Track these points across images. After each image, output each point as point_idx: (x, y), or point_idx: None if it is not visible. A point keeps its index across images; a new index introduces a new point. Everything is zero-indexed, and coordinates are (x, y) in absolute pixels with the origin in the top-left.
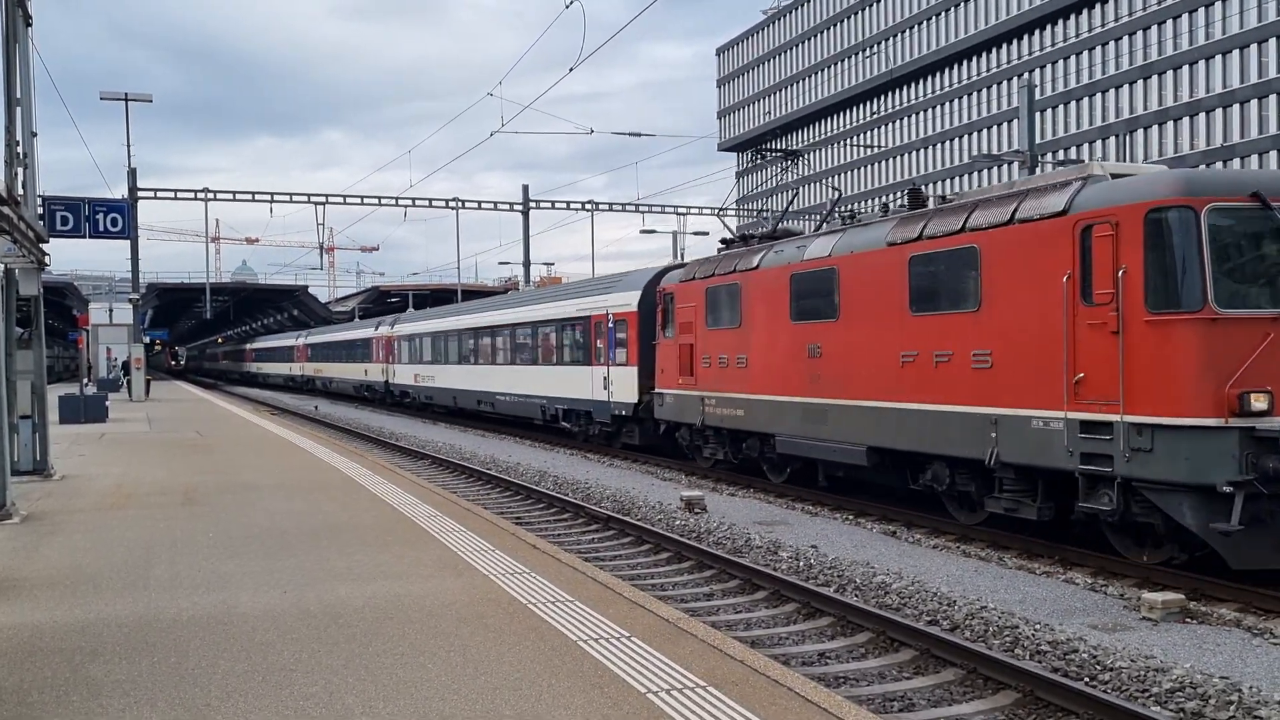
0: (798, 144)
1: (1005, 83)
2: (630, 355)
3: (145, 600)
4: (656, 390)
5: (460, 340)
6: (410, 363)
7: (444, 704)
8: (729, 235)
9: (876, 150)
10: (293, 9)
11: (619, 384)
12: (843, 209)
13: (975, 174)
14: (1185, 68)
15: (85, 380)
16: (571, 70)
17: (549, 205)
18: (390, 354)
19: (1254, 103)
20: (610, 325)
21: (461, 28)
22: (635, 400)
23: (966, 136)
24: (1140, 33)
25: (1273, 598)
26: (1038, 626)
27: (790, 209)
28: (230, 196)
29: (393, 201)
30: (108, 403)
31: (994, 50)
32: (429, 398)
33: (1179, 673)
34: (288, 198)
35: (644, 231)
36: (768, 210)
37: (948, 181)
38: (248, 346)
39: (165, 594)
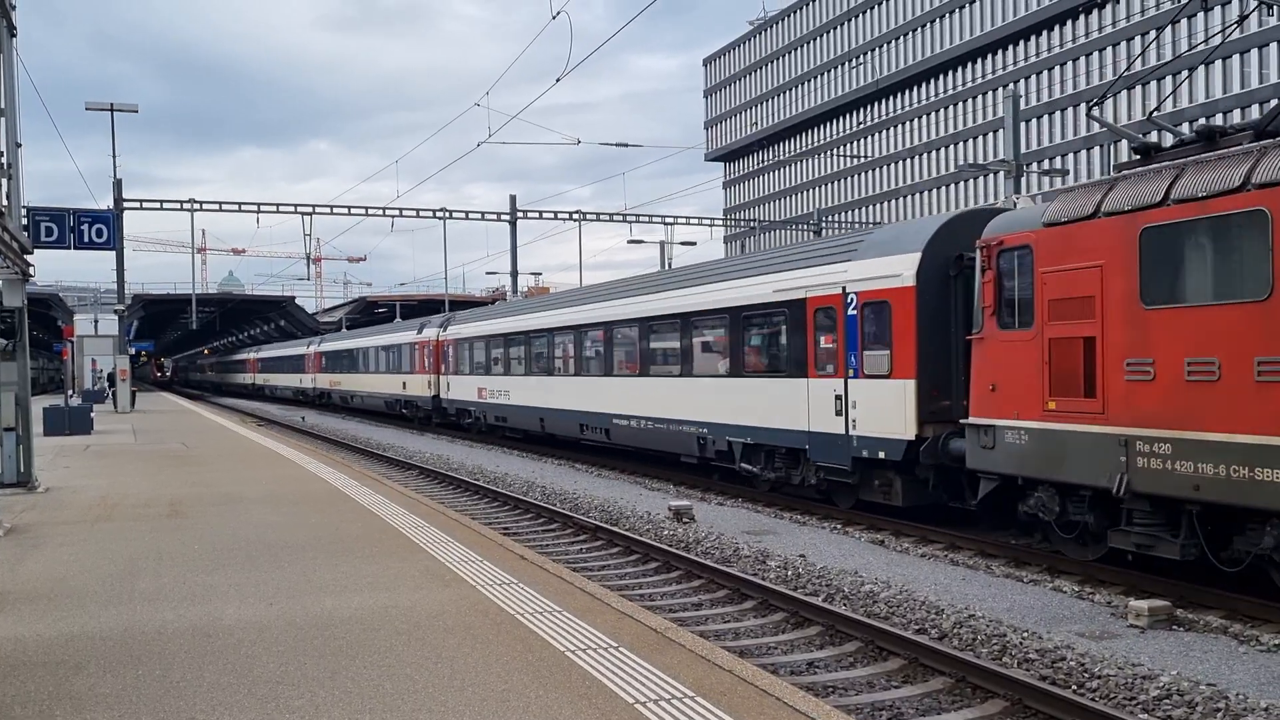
0: (784, 154)
1: (990, 93)
2: (898, 360)
3: (130, 613)
4: (972, 421)
5: (552, 342)
6: (472, 373)
7: (431, 716)
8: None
9: (862, 160)
10: (278, 19)
11: (871, 407)
12: None
13: (960, 184)
14: (1169, 78)
15: (70, 392)
16: (558, 81)
17: (536, 215)
18: (441, 362)
19: (1236, 113)
20: (851, 312)
21: (448, 38)
22: (910, 436)
23: (951, 147)
24: (1124, 43)
25: (1259, 604)
26: (1025, 634)
27: None
28: (216, 207)
29: (380, 212)
30: (93, 414)
31: (979, 61)
32: (500, 418)
33: (1166, 680)
34: (274, 208)
35: (631, 241)
36: (755, 221)
37: (931, 193)
38: (251, 356)
39: (150, 606)
